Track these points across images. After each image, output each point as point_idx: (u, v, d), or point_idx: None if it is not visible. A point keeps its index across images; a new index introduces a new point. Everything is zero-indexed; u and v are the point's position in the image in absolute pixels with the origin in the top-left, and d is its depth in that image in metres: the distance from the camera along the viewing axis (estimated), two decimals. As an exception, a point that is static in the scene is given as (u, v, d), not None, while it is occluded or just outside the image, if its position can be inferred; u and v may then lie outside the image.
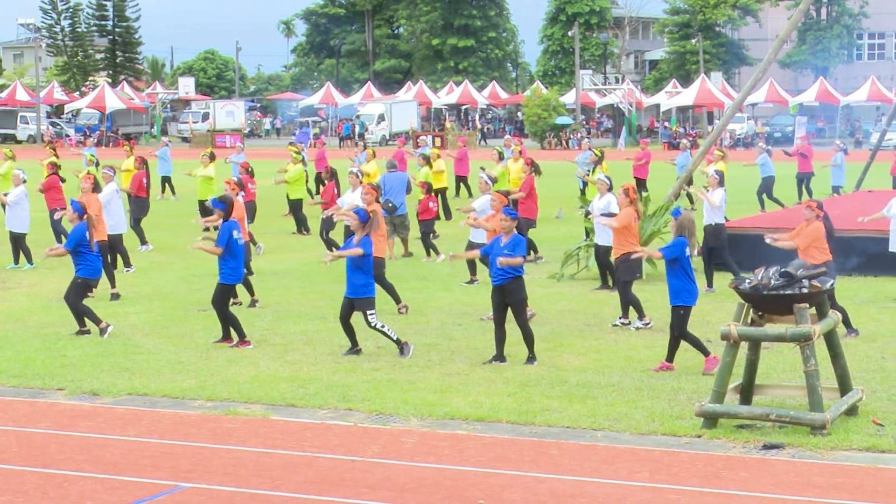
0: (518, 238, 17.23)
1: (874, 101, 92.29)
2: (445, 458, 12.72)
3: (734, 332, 13.65)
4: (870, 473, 12.02)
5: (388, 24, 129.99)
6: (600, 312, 20.94)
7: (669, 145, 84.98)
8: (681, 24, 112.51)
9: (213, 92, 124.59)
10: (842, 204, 31.21)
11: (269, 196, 37.83)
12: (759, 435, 13.36)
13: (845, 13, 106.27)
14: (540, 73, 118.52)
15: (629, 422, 13.91)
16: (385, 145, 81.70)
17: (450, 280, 24.61)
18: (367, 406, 14.82)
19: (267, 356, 17.67)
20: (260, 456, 12.89)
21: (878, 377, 15.82)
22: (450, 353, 17.81)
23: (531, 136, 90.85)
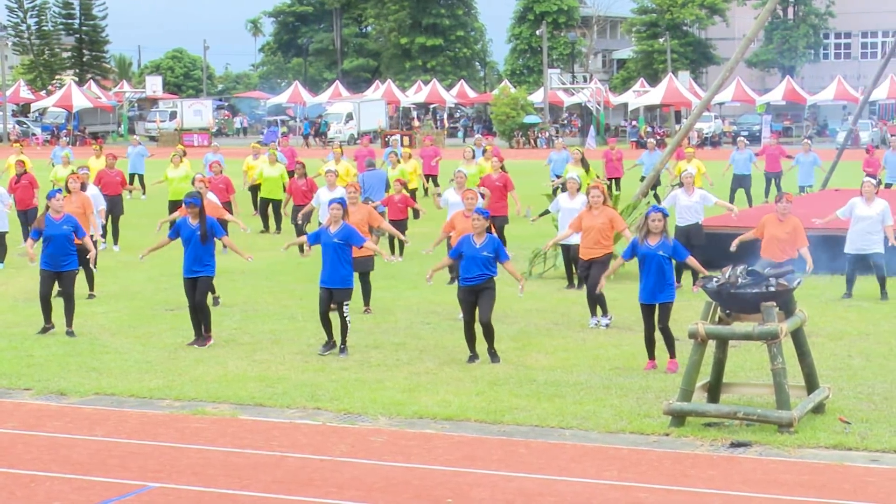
0: (496, 240, 17.24)
1: (840, 100, 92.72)
2: (414, 457, 12.72)
3: (702, 331, 13.69)
4: (836, 471, 12.07)
5: (356, 22, 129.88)
6: (568, 311, 20.97)
7: (637, 144, 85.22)
8: (648, 23, 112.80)
9: (181, 91, 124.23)
10: (808, 203, 31.31)
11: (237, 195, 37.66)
12: (726, 433, 13.40)
13: (812, 13, 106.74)
14: (508, 72, 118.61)
15: (597, 420, 13.93)
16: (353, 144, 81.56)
17: (418, 279, 24.57)
18: (335, 405, 14.81)
19: (235, 355, 17.64)
20: (228, 455, 12.86)
21: (845, 375, 15.89)
22: (418, 352, 17.81)
23: (499, 135, 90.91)
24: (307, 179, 29.72)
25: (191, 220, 18.45)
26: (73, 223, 19.45)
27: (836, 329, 19.02)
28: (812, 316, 15.23)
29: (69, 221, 19.41)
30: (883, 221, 21.86)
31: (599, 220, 19.50)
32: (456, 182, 24.05)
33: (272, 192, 33.83)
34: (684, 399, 13.71)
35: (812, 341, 15.16)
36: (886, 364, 16.55)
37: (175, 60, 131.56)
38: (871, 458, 12.48)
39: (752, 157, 38.60)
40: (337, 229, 17.77)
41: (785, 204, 20.36)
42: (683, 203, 23.26)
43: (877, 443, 12.87)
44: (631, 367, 16.56)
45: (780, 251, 19.64)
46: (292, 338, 18.90)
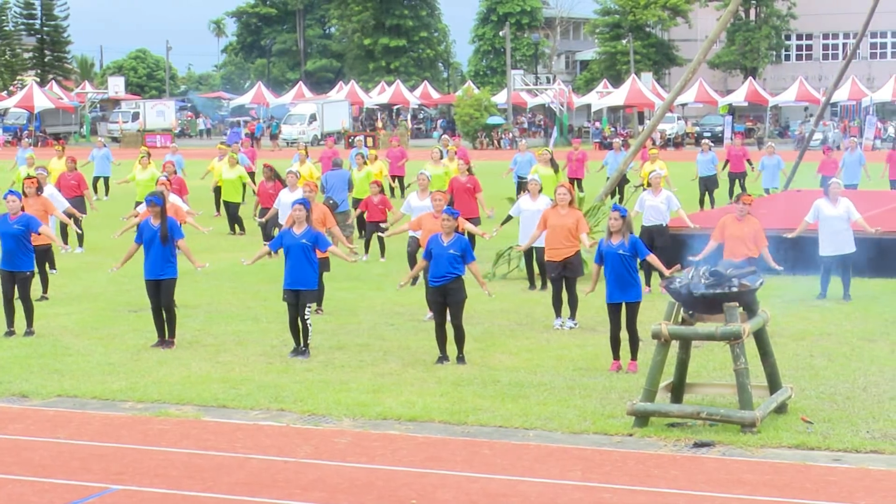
0: (464, 240, 17.26)
1: (802, 101, 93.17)
2: (378, 459, 12.72)
3: (665, 331, 13.73)
4: (799, 470, 12.13)
5: (319, 23, 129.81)
6: (532, 312, 20.99)
7: (601, 145, 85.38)
8: (611, 24, 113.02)
9: (144, 91, 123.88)
10: (773, 204, 31.46)
11: (200, 197, 37.61)
12: (689, 433, 13.45)
13: (774, 14, 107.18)
14: (471, 72, 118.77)
15: (561, 421, 13.95)
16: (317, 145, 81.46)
17: (382, 280, 24.59)
18: (299, 407, 14.79)
19: (198, 357, 17.59)
20: (191, 457, 12.83)
21: (807, 375, 15.96)
22: (382, 353, 17.80)
23: (462, 136, 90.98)
24: (276, 182, 29.63)
25: (152, 221, 18.39)
26: (25, 222, 19.33)
27: (799, 329, 19.11)
28: (775, 316, 15.30)
29: (21, 221, 19.33)
30: (850, 218, 21.99)
31: (566, 220, 19.51)
32: (419, 185, 24.01)
33: (229, 194, 33.78)
34: (648, 399, 13.75)
35: (775, 341, 15.22)
36: (848, 364, 16.64)
37: (138, 61, 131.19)
38: (833, 457, 12.55)
39: (716, 160, 38.75)
40: (302, 231, 17.72)
41: (742, 205, 20.50)
42: (650, 203, 23.34)
43: (839, 442, 12.94)
44: (595, 368, 16.60)
45: (741, 251, 19.72)
46: (256, 339, 18.86)
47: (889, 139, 77.42)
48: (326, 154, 39.82)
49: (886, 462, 12.35)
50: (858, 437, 13.10)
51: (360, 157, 33.30)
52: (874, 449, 12.74)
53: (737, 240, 20.12)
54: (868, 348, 17.70)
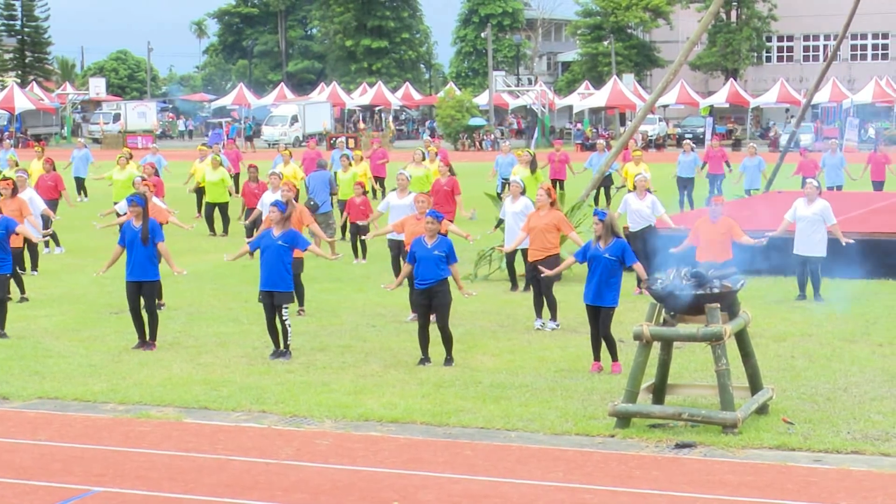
0: (448, 241, 17.26)
1: (783, 103, 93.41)
2: (360, 460, 12.71)
3: (646, 332, 13.75)
4: (780, 471, 12.16)
5: (301, 24, 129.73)
6: (514, 314, 21.01)
7: (582, 146, 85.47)
8: (593, 26, 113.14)
9: (125, 93, 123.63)
10: (753, 205, 31.53)
11: (180, 198, 37.56)
12: (671, 434, 13.47)
13: (754, 16, 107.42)
14: (453, 74, 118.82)
15: (543, 422, 13.96)
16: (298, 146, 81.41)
17: (364, 282, 24.59)
18: (280, 408, 14.78)
19: (180, 359, 17.56)
20: (173, 459, 12.81)
21: (788, 376, 16.00)
22: (364, 354, 17.79)
23: (444, 138, 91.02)
24: (259, 182, 29.63)
25: (134, 223, 18.36)
26: (4, 225, 19.29)
27: (780, 330, 19.15)
28: (756, 317, 15.33)
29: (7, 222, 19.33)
30: (824, 222, 22.03)
31: (544, 222, 19.54)
32: (398, 185, 24.04)
33: (214, 195, 33.76)
34: (629, 400, 13.77)
35: (756, 342, 15.26)
36: (829, 365, 16.68)
37: (119, 62, 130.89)
38: (814, 458, 12.58)
39: (697, 161, 38.81)
40: (281, 232, 17.69)
41: (715, 206, 20.56)
42: (634, 207, 23.33)
43: (819, 443, 12.97)
44: (576, 369, 16.61)
45: (716, 253, 19.77)
46: (237, 341, 18.83)
47: (870, 140, 77.61)
48: (309, 155, 39.83)
49: (867, 463, 12.39)
50: (839, 438, 13.13)
51: (346, 158, 33.30)
52: (855, 450, 12.77)
53: (711, 242, 20.18)
54: (849, 349, 17.75)
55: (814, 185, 22.49)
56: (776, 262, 22.39)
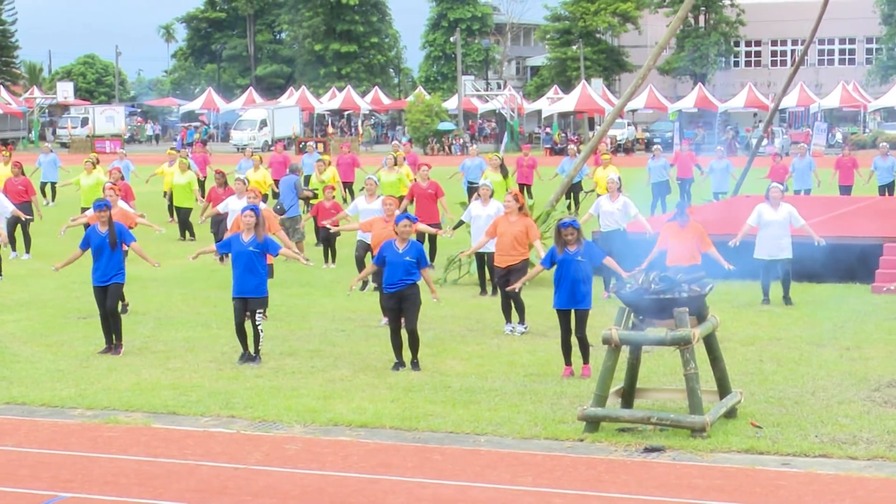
0: (419, 246, 17.25)
1: (751, 107, 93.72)
2: (329, 465, 12.69)
3: (615, 337, 13.78)
4: (748, 475, 12.19)
5: (269, 29, 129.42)
6: (483, 318, 21.01)
7: (551, 151, 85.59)
8: (562, 30, 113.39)
9: (93, 97, 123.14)
10: (721, 209, 31.63)
11: (150, 202, 37.46)
12: (640, 438, 13.49)
13: (722, 21, 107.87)
14: (422, 78, 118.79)
15: (512, 426, 13.97)
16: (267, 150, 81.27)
17: (333, 286, 24.56)
18: (249, 413, 14.75)
19: (148, 364, 17.51)
20: (141, 464, 12.76)
21: (756, 380, 16.05)
22: (333, 359, 17.77)
23: (413, 142, 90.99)
24: (227, 188, 29.56)
25: (100, 228, 18.31)
26: None
27: (748, 334, 19.21)
28: (724, 321, 15.39)
29: None
30: (792, 224, 22.13)
31: (515, 228, 19.55)
32: (366, 189, 24.05)
33: (181, 199, 33.71)
34: (598, 404, 13.79)
35: (724, 346, 15.30)
36: (797, 369, 16.74)
37: (87, 66, 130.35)
38: (783, 461, 12.62)
39: (668, 165, 38.93)
40: (251, 238, 17.65)
41: (687, 214, 20.62)
42: (606, 209, 23.37)
43: (787, 446, 13.01)
44: (545, 374, 16.62)
45: (685, 258, 19.84)
46: (206, 345, 18.79)
47: (838, 145, 77.98)
48: (276, 159, 39.84)
49: (835, 466, 12.43)
50: (807, 442, 13.18)
51: (322, 162, 33.29)
52: (822, 453, 12.82)
53: (680, 247, 20.25)
54: (816, 353, 17.81)
55: (779, 190, 22.58)
56: (744, 266, 22.44)
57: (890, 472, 12.15)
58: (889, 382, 15.84)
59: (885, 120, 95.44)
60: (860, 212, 30.81)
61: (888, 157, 38.09)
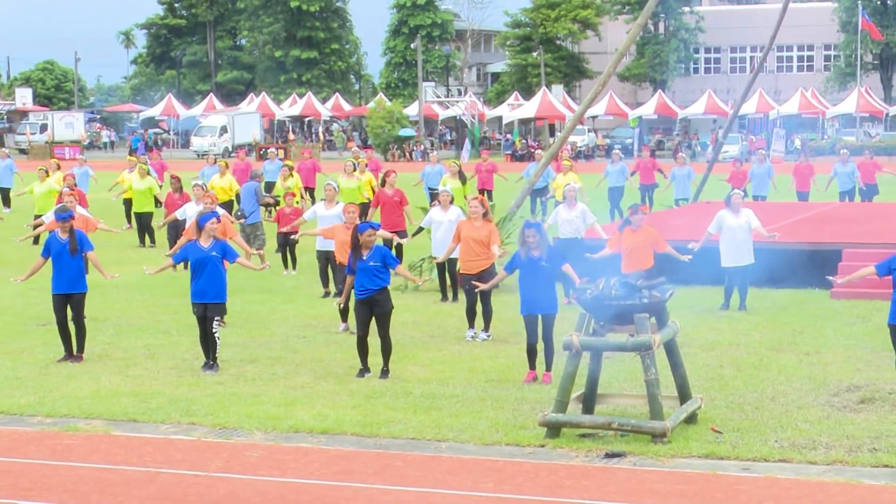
0: (382, 249, 17.24)
1: (711, 114, 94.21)
2: (290, 472, 12.67)
3: (576, 342, 13.80)
4: (709, 480, 12.23)
5: (230, 35, 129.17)
6: (444, 324, 21.02)
7: (512, 157, 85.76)
8: (522, 37, 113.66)
9: (52, 103, 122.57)
10: (682, 215, 31.75)
11: (108, 208, 37.31)
12: (601, 444, 13.52)
13: (682, 28, 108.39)
14: (383, 84, 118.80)
15: (473, 432, 13.97)
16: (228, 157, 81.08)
17: (294, 293, 24.52)
18: (210, 420, 14.70)
19: (108, 371, 17.43)
20: (101, 472, 12.70)
21: (717, 385, 16.10)
22: (294, 366, 17.74)
23: (374, 149, 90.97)
24: (183, 193, 29.56)
25: (60, 235, 18.24)
26: None
27: (708, 340, 19.27)
28: (684, 327, 15.43)
29: None
30: (751, 228, 22.25)
31: (479, 233, 19.58)
32: (325, 195, 24.03)
33: (141, 205, 33.64)
34: (559, 410, 13.81)
35: (684, 352, 15.35)
36: (756, 374, 16.80)
37: (45, 72, 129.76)
38: (743, 466, 12.67)
39: (626, 170, 39.05)
40: (211, 243, 17.60)
41: (640, 215, 20.69)
42: (564, 217, 23.42)
43: (748, 451, 13.06)
44: (507, 380, 16.64)
45: (638, 262, 19.93)
46: (167, 352, 18.72)
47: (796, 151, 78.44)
48: (239, 166, 39.80)
49: (794, 470, 12.49)
50: (767, 447, 13.23)
51: (286, 168, 33.28)
52: (782, 458, 12.88)
53: (634, 250, 20.34)
54: (776, 358, 17.89)
55: (739, 195, 22.68)
56: (705, 272, 22.53)
57: (849, 477, 12.22)
58: (848, 387, 15.93)
59: (843, 126, 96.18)
60: (819, 217, 30.99)
61: (848, 163, 38.33)
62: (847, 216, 31.27)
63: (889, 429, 13.87)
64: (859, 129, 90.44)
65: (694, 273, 21.53)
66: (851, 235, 26.39)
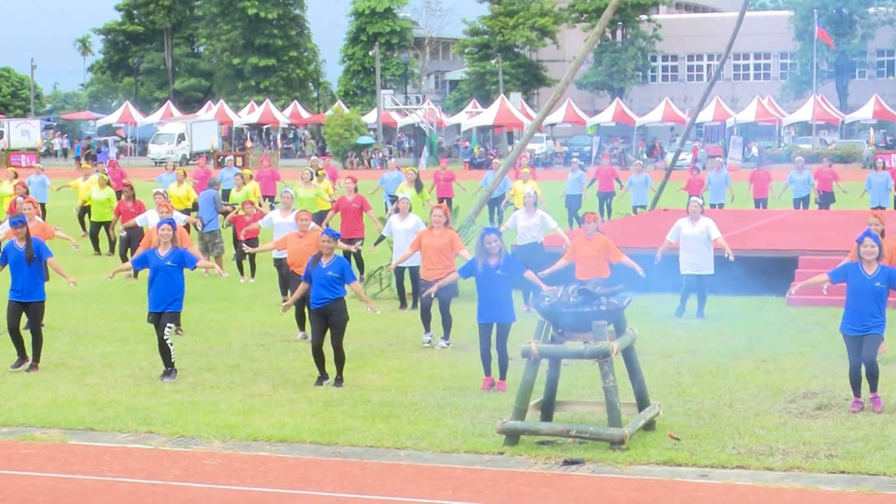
0: (343, 260, 17.21)
1: (668, 121, 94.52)
2: (248, 480, 12.64)
3: (535, 350, 13.83)
4: (667, 486, 12.27)
5: (187, 42, 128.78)
6: (402, 332, 21.01)
7: (470, 164, 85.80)
8: (480, 44, 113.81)
9: (8, 111, 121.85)
10: (640, 222, 31.86)
11: (64, 216, 37.14)
12: (559, 451, 13.54)
13: (639, 36, 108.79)
14: (341, 92, 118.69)
15: (432, 440, 13.97)
16: (186, 164, 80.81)
17: (252, 301, 24.46)
18: (168, 429, 14.64)
19: (65, 380, 17.34)
20: (57, 482, 12.64)
21: (675, 392, 16.16)
22: (252, 374, 17.70)
23: (332, 156, 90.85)
24: (136, 201, 29.45)
25: (17, 243, 18.15)
26: None
27: (666, 347, 19.34)
28: (642, 334, 15.48)
29: None
30: (710, 238, 22.33)
31: (439, 241, 19.59)
32: (282, 203, 23.99)
33: (101, 214, 33.51)
34: (518, 418, 13.83)
35: (642, 359, 15.39)
36: (714, 381, 16.87)
37: (2, 79, 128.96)
38: (701, 473, 12.72)
39: (583, 179, 39.17)
40: (168, 251, 17.54)
41: (591, 224, 20.78)
42: (523, 224, 23.46)
43: (705, 458, 13.12)
44: (465, 387, 16.65)
45: (593, 270, 20.03)
46: (124, 361, 18.64)
47: (753, 159, 78.81)
48: (199, 174, 39.69)
49: (752, 477, 12.55)
50: (725, 453, 13.29)
51: (240, 177, 33.20)
52: (740, 464, 12.93)
53: (588, 259, 20.44)
54: (733, 365, 17.97)
55: (698, 204, 22.76)
56: (663, 280, 22.61)
57: (806, 483, 12.29)
58: (804, 394, 16.02)
59: (799, 134, 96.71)
60: (776, 225, 31.15)
61: (804, 170, 38.54)
62: (803, 223, 31.44)
63: (845, 435, 13.97)
64: (815, 136, 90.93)
65: (652, 281, 21.57)
66: (808, 243, 26.53)
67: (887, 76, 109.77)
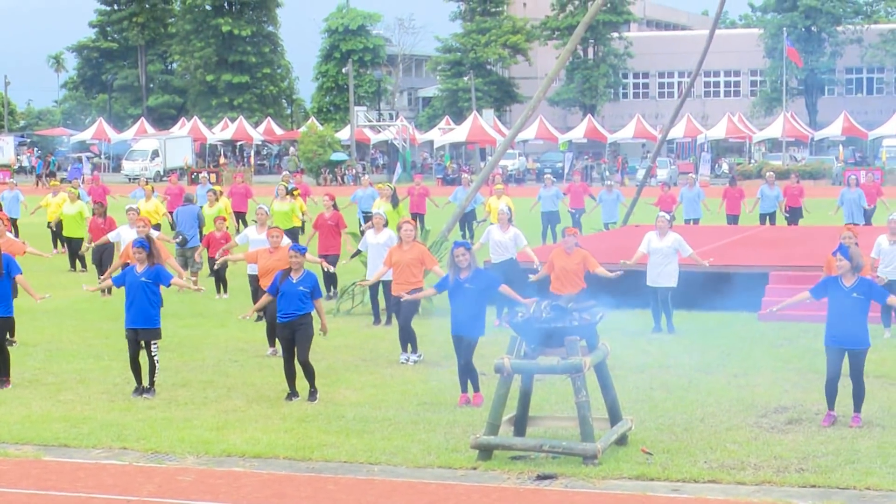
0: (313, 276, 17.23)
1: (640, 138, 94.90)
2: (222, 496, 12.66)
3: (508, 365, 13.89)
4: (640, 501, 12.35)
5: (161, 59, 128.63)
6: (376, 348, 21.05)
7: (443, 181, 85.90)
8: (453, 61, 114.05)
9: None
10: (611, 238, 31.96)
11: (36, 233, 37.07)
12: (532, 466, 13.60)
13: (611, 53, 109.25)
14: (315, 109, 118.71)
15: (406, 455, 14.02)
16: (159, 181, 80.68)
17: (226, 317, 24.47)
18: (142, 445, 14.66)
19: (39, 396, 17.33)
20: (31, 498, 12.64)
21: (647, 407, 16.24)
22: (226, 389, 17.71)
23: (306, 172, 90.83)
24: (107, 218, 29.41)
25: (-13, 259, 18.12)
26: None
27: (638, 362, 19.41)
28: (615, 349, 15.55)
29: None
30: (679, 253, 22.47)
31: (409, 256, 19.67)
32: (257, 219, 24.02)
33: (72, 230, 33.47)
34: (491, 433, 13.88)
35: (615, 374, 15.46)
36: (686, 396, 16.96)
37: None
38: (673, 487, 12.79)
39: (559, 195, 39.27)
40: (144, 268, 17.55)
41: (570, 238, 20.91)
42: (497, 239, 23.56)
43: (678, 472, 13.19)
44: (439, 402, 16.70)
45: (569, 284, 20.15)
46: (98, 377, 18.64)
47: (724, 175, 79.13)
48: (172, 190, 39.66)
49: (723, 491, 12.63)
50: (697, 468, 13.37)
51: (213, 193, 33.21)
52: (712, 479, 13.01)
53: (566, 273, 20.56)
54: (705, 380, 18.06)
55: (665, 219, 22.90)
56: (635, 296, 22.72)
57: (777, 497, 12.37)
58: (776, 408, 16.12)
59: (769, 150, 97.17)
60: (746, 241, 31.30)
61: (775, 186, 38.73)
62: (773, 239, 31.61)
63: (816, 449, 14.07)
64: (785, 153, 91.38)
65: (624, 296, 21.67)
66: (778, 258, 26.70)
67: (856, 94, 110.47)
